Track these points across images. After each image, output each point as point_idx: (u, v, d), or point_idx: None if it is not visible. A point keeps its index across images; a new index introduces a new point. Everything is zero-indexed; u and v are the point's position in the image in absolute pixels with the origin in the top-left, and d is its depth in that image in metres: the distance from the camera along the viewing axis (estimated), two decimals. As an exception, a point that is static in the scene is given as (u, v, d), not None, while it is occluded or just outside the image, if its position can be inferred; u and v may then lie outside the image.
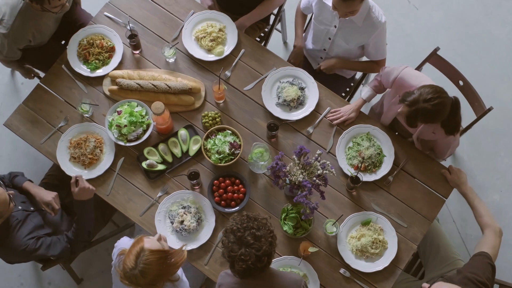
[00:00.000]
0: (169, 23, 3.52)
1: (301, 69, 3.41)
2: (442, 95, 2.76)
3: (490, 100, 3.63)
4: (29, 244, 2.90)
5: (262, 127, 3.32)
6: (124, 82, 3.31)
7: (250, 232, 2.42)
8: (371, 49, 3.38)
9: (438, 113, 2.77)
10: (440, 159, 3.34)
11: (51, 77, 3.41)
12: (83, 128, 3.29)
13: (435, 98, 2.73)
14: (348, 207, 3.19)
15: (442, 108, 2.76)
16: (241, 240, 2.41)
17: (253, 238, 2.41)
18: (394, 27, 4.54)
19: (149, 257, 2.41)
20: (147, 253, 2.41)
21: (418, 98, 2.75)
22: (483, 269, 2.69)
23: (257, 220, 2.47)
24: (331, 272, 3.08)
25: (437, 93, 2.74)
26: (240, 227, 2.44)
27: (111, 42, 3.45)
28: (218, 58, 3.43)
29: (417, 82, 2.97)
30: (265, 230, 2.46)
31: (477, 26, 4.58)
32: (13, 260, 3.01)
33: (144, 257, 2.40)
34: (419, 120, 2.81)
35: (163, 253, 2.46)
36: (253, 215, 2.51)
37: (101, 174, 3.21)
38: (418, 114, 2.77)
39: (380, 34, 3.30)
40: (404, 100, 2.81)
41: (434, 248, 3.29)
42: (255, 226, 2.44)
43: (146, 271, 2.39)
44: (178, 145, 3.27)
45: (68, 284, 3.88)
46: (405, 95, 2.82)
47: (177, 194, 3.17)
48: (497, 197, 4.13)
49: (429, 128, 3.07)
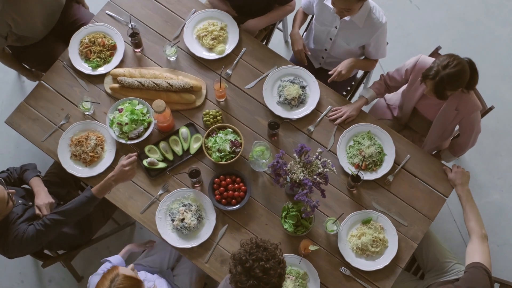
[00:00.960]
0: (170, 21, 3.53)
1: (302, 68, 3.42)
2: (457, 57, 2.91)
3: (492, 100, 3.63)
4: (19, 230, 2.85)
5: (263, 126, 3.32)
6: (125, 80, 3.31)
7: (259, 264, 2.37)
8: (371, 49, 3.39)
9: (462, 73, 2.88)
10: (465, 149, 3.35)
11: (52, 75, 3.42)
12: (84, 126, 3.30)
13: (452, 61, 2.87)
14: (348, 206, 3.19)
15: (462, 68, 2.88)
16: (249, 272, 2.37)
17: (262, 271, 2.36)
18: (395, 27, 4.54)
19: (123, 282, 2.47)
20: (121, 278, 2.48)
21: (438, 68, 2.88)
22: (481, 282, 2.73)
23: (267, 250, 2.41)
24: (332, 270, 3.08)
25: (451, 57, 2.90)
26: (248, 257, 2.39)
27: (113, 40, 3.46)
28: (220, 56, 3.43)
29: None
30: (275, 261, 2.40)
31: (478, 26, 4.58)
32: (11, 254, 3.00)
33: (118, 281, 2.47)
34: (447, 88, 2.89)
35: (136, 281, 2.53)
36: (263, 242, 2.44)
37: (102, 172, 3.22)
38: (444, 81, 2.86)
39: (381, 35, 3.30)
40: (427, 76, 2.91)
41: (431, 256, 3.29)
42: (264, 258, 2.39)
43: None
44: (179, 143, 3.27)
45: (68, 281, 3.89)
46: (426, 72, 2.93)
47: (178, 192, 3.18)
48: (497, 196, 4.13)
49: (451, 104, 3.11)
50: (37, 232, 2.84)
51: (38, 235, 2.84)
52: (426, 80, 2.94)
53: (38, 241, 2.85)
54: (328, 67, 3.70)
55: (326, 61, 3.65)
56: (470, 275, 2.75)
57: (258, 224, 3.15)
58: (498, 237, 4.03)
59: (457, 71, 2.86)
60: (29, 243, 2.84)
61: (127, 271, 2.54)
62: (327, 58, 3.62)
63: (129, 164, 2.89)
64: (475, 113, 3.14)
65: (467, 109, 3.11)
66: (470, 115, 3.13)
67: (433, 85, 2.90)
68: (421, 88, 3.18)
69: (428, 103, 3.27)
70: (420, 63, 3.17)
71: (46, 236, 2.86)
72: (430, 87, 2.94)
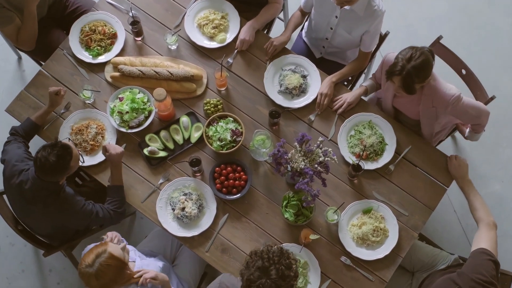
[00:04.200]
0: (171, 10, 3.51)
1: (303, 57, 3.40)
2: (419, 48, 2.86)
3: (493, 90, 3.61)
4: (81, 204, 2.98)
5: (264, 115, 3.31)
6: (126, 69, 3.30)
7: (279, 267, 2.37)
8: (366, 38, 3.33)
9: (428, 63, 2.84)
10: (480, 130, 3.24)
11: (53, 63, 3.41)
12: (85, 115, 3.29)
13: (415, 53, 2.83)
14: (349, 195, 3.19)
15: (427, 58, 2.84)
16: (266, 270, 2.37)
17: (277, 274, 2.36)
18: (397, 17, 4.52)
19: (108, 261, 2.47)
20: (107, 256, 2.48)
21: (403, 62, 2.83)
22: (485, 267, 2.68)
23: (289, 259, 2.42)
24: (332, 260, 3.08)
25: (413, 48, 2.85)
26: (271, 256, 2.39)
27: (113, 29, 3.44)
28: (220, 45, 3.42)
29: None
30: (292, 273, 2.40)
31: (480, 16, 4.56)
32: (74, 222, 3.10)
33: (103, 258, 2.47)
34: (416, 81, 2.85)
35: (122, 263, 2.52)
36: (287, 252, 2.45)
37: (103, 160, 3.21)
38: (412, 74, 2.82)
39: (379, 24, 3.28)
40: (392, 72, 2.86)
41: (415, 260, 3.27)
42: (285, 264, 2.39)
43: (101, 274, 2.46)
44: (179, 132, 3.26)
45: (69, 271, 3.89)
46: (390, 69, 2.89)
47: (179, 181, 3.17)
48: (498, 187, 4.13)
49: (427, 102, 3.05)
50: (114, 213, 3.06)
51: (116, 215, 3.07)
52: (393, 77, 2.88)
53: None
54: (329, 57, 3.68)
55: (327, 51, 3.64)
56: (473, 260, 2.73)
57: (258, 213, 3.15)
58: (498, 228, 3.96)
59: (422, 62, 2.81)
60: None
61: (116, 250, 2.53)
62: (328, 47, 3.60)
63: (109, 150, 3.03)
64: (455, 102, 2.97)
65: (442, 102, 3.00)
66: (448, 107, 2.99)
67: (401, 80, 2.84)
68: (392, 87, 3.10)
69: (403, 101, 3.22)
70: (387, 62, 3.10)
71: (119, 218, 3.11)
72: (398, 83, 2.88)
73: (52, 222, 3.07)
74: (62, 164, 2.80)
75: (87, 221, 3.03)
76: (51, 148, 2.78)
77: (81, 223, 3.10)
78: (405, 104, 3.23)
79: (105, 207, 3.05)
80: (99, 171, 3.22)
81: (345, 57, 3.65)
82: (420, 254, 3.27)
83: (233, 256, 3.09)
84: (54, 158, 2.76)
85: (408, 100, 3.16)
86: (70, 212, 2.97)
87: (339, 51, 3.61)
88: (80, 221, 3.06)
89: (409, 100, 3.15)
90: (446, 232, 4.00)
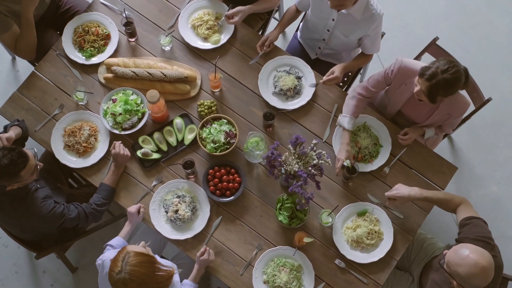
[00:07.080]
0: (165, 10, 3.49)
1: (298, 58, 3.38)
2: (456, 63, 2.83)
3: (490, 91, 3.60)
4: (50, 207, 2.93)
5: (258, 116, 3.29)
6: (119, 70, 3.28)
7: None
8: (367, 42, 3.31)
9: (458, 82, 2.81)
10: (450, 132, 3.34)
11: (46, 64, 3.38)
12: (78, 116, 3.27)
13: (452, 67, 2.78)
14: (344, 198, 3.17)
15: (460, 76, 2.80)
16: None
17: None
18: (393, 17, 4.49)
19: (134, 258, 2.41)
20: (132, 255, 2.42)
21: (437, 70, 2.78)
22: (482, 227, 2.76)
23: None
24: (326, 263, 3.07)
25: (451, 62, 2.81)
26: None
27: (107, 30, 3.42)
28: (215, 46, 3.39)
29: (419, 65, 2.98)
30: None
31: (477, 15, 4.54)
32: (38, 226, 3.03)
33: (129, 258, 2.41)
34: (440, 93, 2.81)
35: (148, 257, 2.46)
36: None
37: (96, 162, 3.19)
38: (439, 86, 2.78)
39: (379, 27, 3.25)
40: (423, 74, 2.82)
41: (412, 256, 3.26)
42: None
43: (133, 273, 2.38)
44: (173, 134, 3.24)
45: (62, 273, 3.88)
46: (423, 70, 2.83)
47: (172, 183, 3.15)
48: (495, 188, 4.11)
49: (443, 109, 3.07)
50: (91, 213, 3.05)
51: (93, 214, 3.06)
52: (421, 79, 2.84)
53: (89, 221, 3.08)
54: (324, 58, 3.66)
55: (323, 52, 3.61)
56: (472, 227, 2.75)
57: (252, 216, 3.13)
58: (495, 229, 3.94)
59: (454, 78, 2.78)
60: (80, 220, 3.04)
61: (136, 247, 2.48)
62: (324, 48, 3.57)
63: (117, 148, 3.07)
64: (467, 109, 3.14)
65: (460, 111, 3.09)
66: (463, 115, 3.14)
67: (428, 86, 2.81)
68: (408, 92, 3.09)
69: (417, 108, 3.17)
70: (404, 67, 3.06)
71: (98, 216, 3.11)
72: (423, 87, 2.84)
73: (22, 226, 3.03)
74: (13, 170, 2.71)
75: (56, 224, 2.97)
76: (7, 151, 2.72)
77: (49, 226, 3.01)
78: (417, 110, 3.20)
79: (83, 206, 3.02)
80: (92, 173, 3.20)
81: (340, 59, 3.62)
82: (414, 247, 3.25)
83: (227, 258, 3.07)
84: (6, 161, 2.69)
85: (425, 108, 3.14)
86: (37, 217, 2.91)
87: (335, 53, 3.58)
88: (49, 225, 2.99)
89: (424, 105, 3.11)
90: (442, 232, 3.98)
